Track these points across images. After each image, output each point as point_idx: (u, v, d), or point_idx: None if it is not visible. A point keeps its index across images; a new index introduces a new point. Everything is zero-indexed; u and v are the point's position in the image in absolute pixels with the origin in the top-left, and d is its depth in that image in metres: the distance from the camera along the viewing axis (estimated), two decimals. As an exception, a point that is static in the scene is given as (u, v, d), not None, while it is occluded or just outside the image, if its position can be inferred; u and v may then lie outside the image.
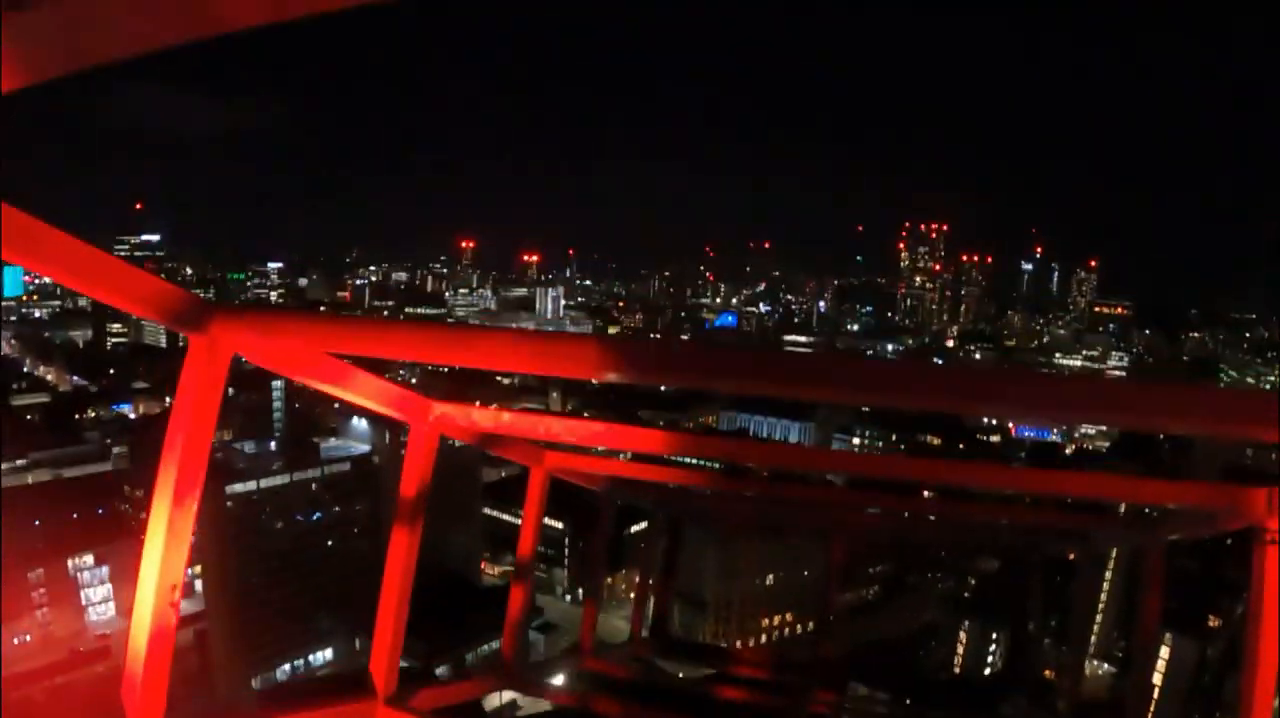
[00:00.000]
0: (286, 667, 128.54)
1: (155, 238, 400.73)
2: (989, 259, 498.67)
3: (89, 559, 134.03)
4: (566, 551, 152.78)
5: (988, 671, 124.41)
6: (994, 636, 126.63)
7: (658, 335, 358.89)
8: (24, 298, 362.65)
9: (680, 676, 24.71)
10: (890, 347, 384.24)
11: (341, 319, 22.90)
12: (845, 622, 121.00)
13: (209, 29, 3.48)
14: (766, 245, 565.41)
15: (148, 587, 7.57)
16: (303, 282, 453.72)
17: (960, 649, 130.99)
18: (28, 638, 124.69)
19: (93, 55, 3.61)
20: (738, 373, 6.12)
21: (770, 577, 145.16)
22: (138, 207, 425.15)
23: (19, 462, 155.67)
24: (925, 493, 21.53)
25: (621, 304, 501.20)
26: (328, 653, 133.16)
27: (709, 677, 22.21)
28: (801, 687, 22.14)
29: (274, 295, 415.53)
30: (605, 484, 18.25)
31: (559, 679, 19.65)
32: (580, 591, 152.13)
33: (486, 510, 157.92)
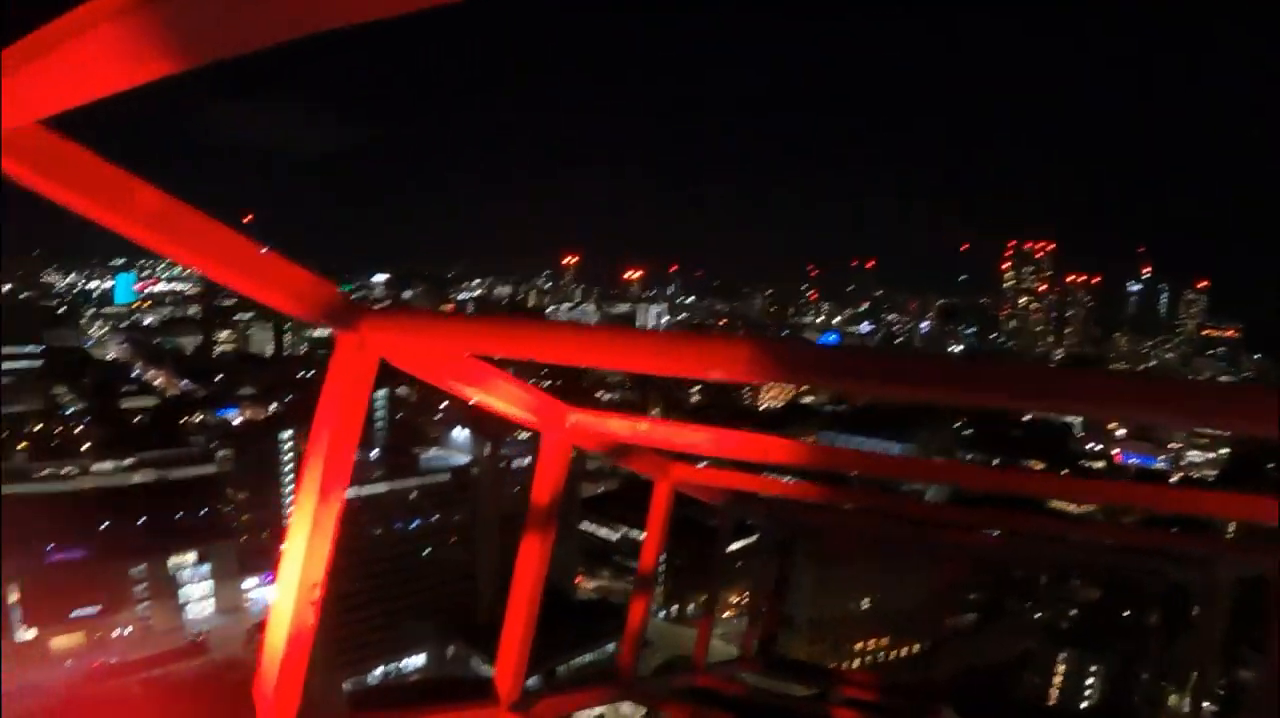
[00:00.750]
0: (380, 670, 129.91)
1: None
2: (1095, 280, 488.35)
3: (190, 558, 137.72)
4: (662, 567, 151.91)
5: (1086, 704, 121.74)
6: (1093, 668, 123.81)
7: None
8: (135, 305, 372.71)
9: (779, 694, 22.45)
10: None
11: (486, 320, 23.14)
12: (947, 646, 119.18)
13: (339, 18, 3.36)
14: (869, 264, 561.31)
15: (288, 584, 7.36)
16: (407, 294, 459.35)
17: (1058, 681, 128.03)
18: (129, 630, 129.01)
19: (229, 45, 3.57)
20: (869, 375, 5.60)
21: (869, 598, 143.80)
22: (247, 219, 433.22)
23: (126, 461, 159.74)
24: (1027, 520, 20.17)
25: (723, 322, 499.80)
26: (420, 659, 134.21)
27: (817, 698, 21.60)
28: (905, 711, 21.47)
29: (379, 308, 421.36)
30: (724, 499, 17.95)
31: (673, 694, 18.84)
32: (675, 608, 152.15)
33: (583, 525, 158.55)
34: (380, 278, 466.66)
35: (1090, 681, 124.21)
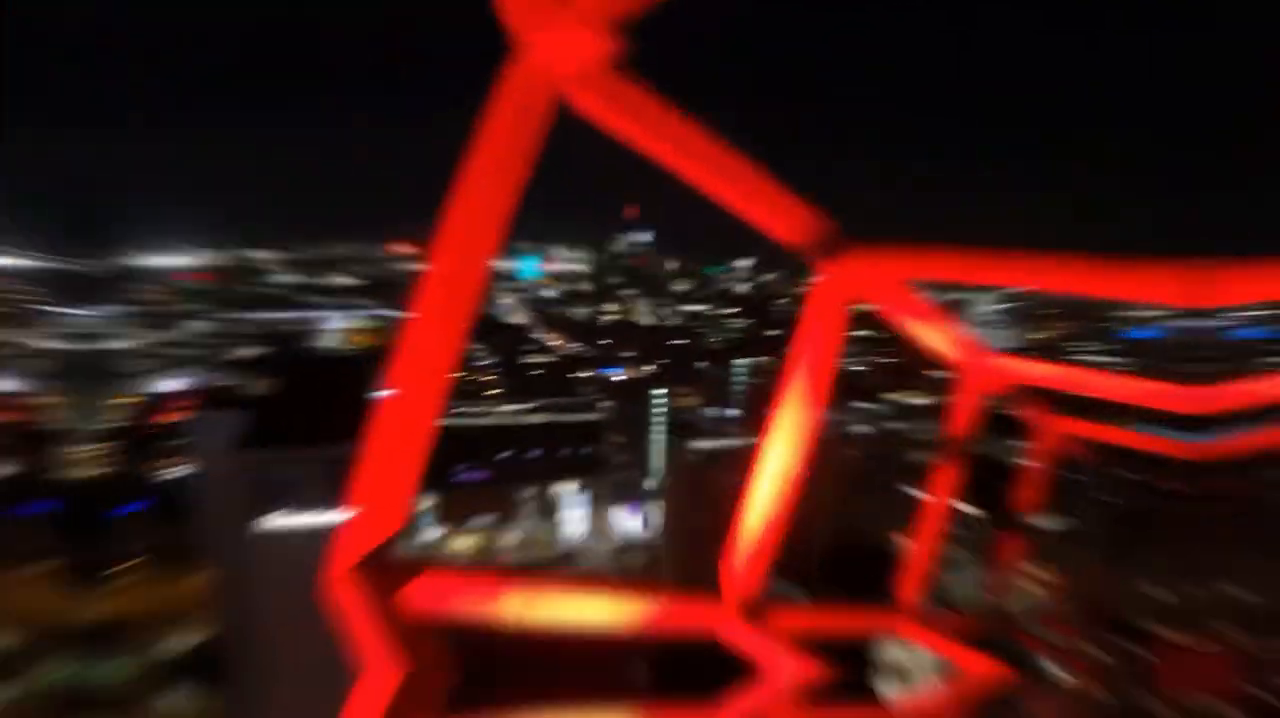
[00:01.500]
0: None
1: (647, 238, 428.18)
2: None
3: (571, 487, 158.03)
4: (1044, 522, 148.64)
5: None
6: None
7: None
8: (538, 281, 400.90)
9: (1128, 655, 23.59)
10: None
11: (965, 251, 16.07)
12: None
13: None
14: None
15: (765, 484, 9.08)
16: (767, 277, 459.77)
17: None
18: (515, 539, 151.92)
19: None
20: None
21: (1206, 587, 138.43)
22: (628, 213, 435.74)
23: (525, 406, 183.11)
24: None
25: (1056, 310, 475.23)
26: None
27: (1150, 665, 22.11)
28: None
29: (743, 288, 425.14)
30: (1097, 457, 17.89)
31: (1034, 640, 20.21)
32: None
33: (911, 490, 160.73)
34: (745, 262, 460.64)
35: None
